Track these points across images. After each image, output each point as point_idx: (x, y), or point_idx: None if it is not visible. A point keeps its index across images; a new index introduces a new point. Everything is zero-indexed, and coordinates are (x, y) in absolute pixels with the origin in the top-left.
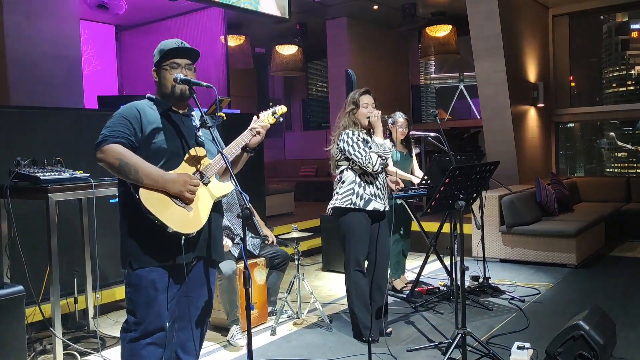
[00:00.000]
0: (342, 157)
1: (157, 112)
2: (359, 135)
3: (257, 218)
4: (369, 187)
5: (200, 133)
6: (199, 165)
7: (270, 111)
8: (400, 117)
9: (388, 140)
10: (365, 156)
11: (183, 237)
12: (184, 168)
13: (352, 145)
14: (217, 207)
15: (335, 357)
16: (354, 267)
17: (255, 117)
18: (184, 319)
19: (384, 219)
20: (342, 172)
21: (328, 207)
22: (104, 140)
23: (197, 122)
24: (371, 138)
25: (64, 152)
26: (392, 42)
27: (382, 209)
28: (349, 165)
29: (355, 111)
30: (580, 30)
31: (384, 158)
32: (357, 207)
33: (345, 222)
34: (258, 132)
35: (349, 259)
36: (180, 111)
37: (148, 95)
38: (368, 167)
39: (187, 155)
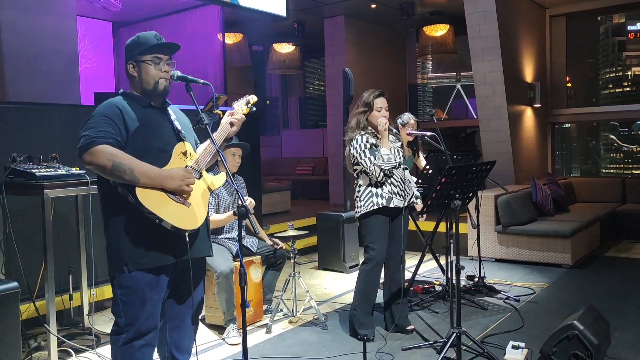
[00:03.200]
0: (355, 162)
1: (136, 109)
2: (367, 141)
3: (258, 228)
4: (386, 186)
5: (179, 127)
6: (187, 160)
7: (243, 101)
8: (411, 118)
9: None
10: (369, 166)
11: (187, 234)
12: (174, 163)
13: (359, 153)
14: None
15: (330, 356)
16: (370, 265)
17: (229, 110)
18: (176, 318)
19: (401, 215)
20: (358, 175)
21: (355, 214)
22: (91, 142)
23: (174, 116)
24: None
25: (60, 149)
26: (390, 41)
27: (401, 206)
28: (362, 168)
29: (368, 114)
30: (577, 31)
31: (386, 170)
32: (380, 206)
33: (367, 223)
34: (232, 124)
35: (370, 259)
36: (158, 106)
37: (122, 91)
38: (372, 177)
39: (174, 151)
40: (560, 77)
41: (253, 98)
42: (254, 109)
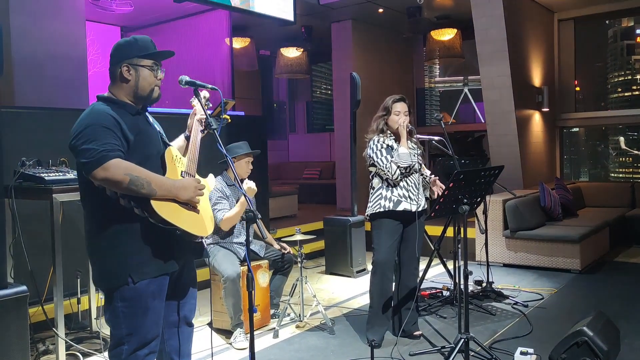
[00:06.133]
0: (370, 162)
1: (125, 116)
2: (383, 142)
3: (265, 232)
4: (397, 190)
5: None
6: (178, 165)
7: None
8: None
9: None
10: (385, 164)
11: (204, 240)
12: (172, 171)
13: (375, 152)
14: None
15: None
16: (378, 269)
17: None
18: (172, 325)
19: (415, 221)
20: (372, 177)
21: (365, 217)
22: (102, 157)
23: (151, 120)
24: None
25: (68, 153)
26: (397, 45)
27: (413, 210)
28: (377, 170)
29: (387, 117)
30: (585, 35)
31: (404, 168)
32: (387, 209)
33: (375, 226)
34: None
35: (374, 261)
36: (142, 112)
37: (103, 96)
38: (387, 175)
39: (166, 157)
40: (569, 81)
41: (206, 95)
42: (210, 104)
